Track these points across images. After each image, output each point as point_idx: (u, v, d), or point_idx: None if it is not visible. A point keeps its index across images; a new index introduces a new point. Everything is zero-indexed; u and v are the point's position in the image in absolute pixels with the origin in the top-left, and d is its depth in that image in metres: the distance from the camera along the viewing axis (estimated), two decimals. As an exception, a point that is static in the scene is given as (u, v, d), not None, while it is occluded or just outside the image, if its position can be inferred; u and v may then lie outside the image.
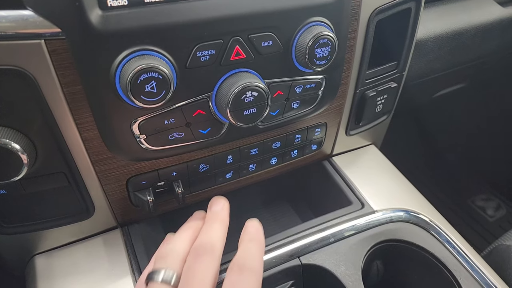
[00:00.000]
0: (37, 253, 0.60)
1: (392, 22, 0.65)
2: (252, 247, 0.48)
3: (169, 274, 0.44)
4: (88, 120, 0.47)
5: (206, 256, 0.45)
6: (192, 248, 0.47)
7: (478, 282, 0.59)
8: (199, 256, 0.45)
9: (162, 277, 0.44)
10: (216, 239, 0.48)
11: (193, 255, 0.46)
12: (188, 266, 0.45)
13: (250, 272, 0.44)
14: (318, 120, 0.67)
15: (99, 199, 0.56)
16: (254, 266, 0.45)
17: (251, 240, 0.49)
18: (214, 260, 0.45)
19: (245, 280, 0.43)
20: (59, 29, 0.40)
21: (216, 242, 0.48)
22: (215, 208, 0.54)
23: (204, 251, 0.46)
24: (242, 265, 0.45)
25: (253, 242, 0.49)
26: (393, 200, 0.70)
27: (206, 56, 0.45)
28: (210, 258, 0.45)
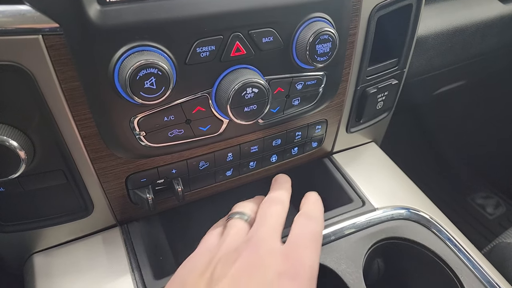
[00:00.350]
0: (36, 251, 0.59)
1: (393, 18, 0.64)
2: (315, 205, 0.55)
3: (245, 215, 0.53)
4: (86, 117, 0.46)
5: (278, 205, 0.52)
6: (265, 200, 0.54)
7: (480, 280, 0.58)
8: (272, 204, 0.52)
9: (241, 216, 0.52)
10: (284, 195, 0.55)
11: (266, 202, 0.53)
12: (263, 209, 0.52)
13: (316, 219, 0.51)
14: (319, 117, 0.66)
15: (98, 197, 0.56)
16: (319, 216, 0.52)
17: (314, 202, 0.55)
18: (283, 210, 0.52)
19: (313, 223, 0.50)
20: (57, 24, 0.39)
21: (285, 198, 0.55)
22: (280, 180, 0.61)
23: (276, 201, 0.53)
24: (309, 214, 0.52)
25: (315, 203, 0.55)
26: (394, 198, 0.70)
27: (206, 52, 0.45)
28: (281, 206, 0.52)
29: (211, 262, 0.45)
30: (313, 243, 0.47)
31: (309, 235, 0.48)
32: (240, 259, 0.44)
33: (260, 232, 0.47)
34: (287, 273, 0.42)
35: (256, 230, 0.48)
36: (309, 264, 0.44)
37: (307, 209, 0.53)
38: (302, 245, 0.46)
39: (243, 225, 0.51)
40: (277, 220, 0.50)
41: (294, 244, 0.46)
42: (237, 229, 0.50)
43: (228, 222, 0.52)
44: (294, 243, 0.46)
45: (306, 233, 0.48)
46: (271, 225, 0.48)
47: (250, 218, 0.52)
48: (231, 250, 0.46)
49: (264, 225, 0.48)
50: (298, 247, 0.46)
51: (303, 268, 0.43)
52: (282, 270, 0.43)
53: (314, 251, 0.47)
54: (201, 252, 0.49)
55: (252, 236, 0.47)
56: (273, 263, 0.43)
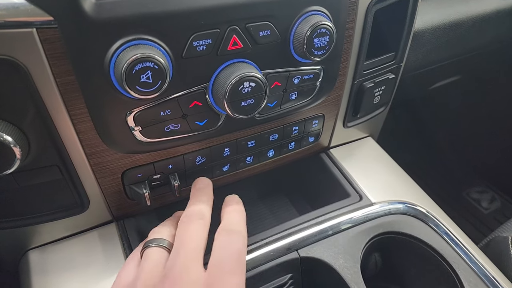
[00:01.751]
0: (31, 248, 0.59)
1: (390, 12, 0.64)
2: (235, 215, 0.51)
3: (163, 241, 0.48)
4: (82, 112, 0.46)
5: (197, 221, 0.48)
6: (183, 216, 0.49)
7: (477, 274, 0.59)
8: (190, 221, 0.48)
9: (156, 243, 0.47)
10: (204, 208, 0.50)
11: (184, 221, 0.48)
12: (181, 230, 0.47)
13: (238, 234, 0.47)
14: (316, 111, 0.66)
15: (94, 192, 0.55)
16: (240, 229, 0.48)
17: (233, 210, 0.52)
18: (204, 225, 0.48)
19: (234, 240, 0.46)
20: (51, 17, 0.39)
21: (205, 211, 0.50)
22: (200, 186, 0.55)
23: (195, 216, 0.48)
24: (229, 229, 0.48)
25: (235, 212, 0.51)
26: (391, 193, 0.70)
27: (202, 45, 0.44)
28: (201, 222, 0.48)
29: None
30: (237, 265, 0.44)
31: (232, 255, 0.44)
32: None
33: (179, 262, 0.43)
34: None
35: (174, 260, 0.44)
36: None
37: (227, 221, 0.49)
38: (226, 270, 0.43)
39: (159, 255, 0.46)
40: (196, 242, 0.45)
41: (216, 271, 0.43)
42: (153, 261, 0.45)
43: (144, 252, 0.47)
44: (217, 269, 0.43)
45: (228, 254, 0.44)
46: (190, 251, 0.44)
47: (168, 243, 0.48)
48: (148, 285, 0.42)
49: (182, 252, 0.44)
50: (221, 275, 0.42)
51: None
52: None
53: (239, 274, 0.44)
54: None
55: (169, 269, 0.43)
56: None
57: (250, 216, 0.77)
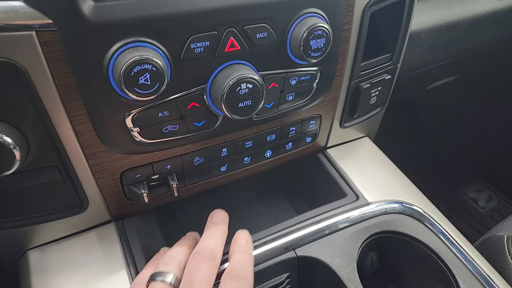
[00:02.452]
0: (31, 247, 0.59)
1: (386, 14, 0.65)
2: (244, 257, 0.50)
3: (170, 276, 0.47)
4: (81, 113, 0.46)
5: (207, 262, 0.47)
6: (194, 251, 0.49)
7: (472, 273, 0.59)
8: (201, 261, 0.47)
9: (164, 278, 0.46)
10: (216, 246, 0.50)
11: (195, 258, 0.48)
12: (190, 269, 0.47)
13: (245, 280, 0.47)
14: (313, 112, 0.67)
15: (93, 193, 0.56)
16: (247, 276, 0.48)
17: (242, 251, 0.51)
18: (214, 266, 0.48)
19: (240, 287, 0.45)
20: (50, 20, 0.39)
21: (217, 249, 0.50)
22: (216, 220, 0.55)
23: (206, 256, 0.48)
24: (236, 275, 0.47)
25: (244, 254, 0.51)
26: (387, 192, 0.70)
27: (200, 47, 0.45)
28: (212, 263, 0.48)
29: None
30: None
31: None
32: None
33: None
34: None
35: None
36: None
37: (235, 265, 0.49)
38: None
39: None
40: (203, 283, 0.45)
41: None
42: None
43: (149, 285, 0.47)
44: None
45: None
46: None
47: (175, 279, 0.47)
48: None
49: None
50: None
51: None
52: None
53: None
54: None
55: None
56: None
57: (248, 216, 0.78)
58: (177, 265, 0.49)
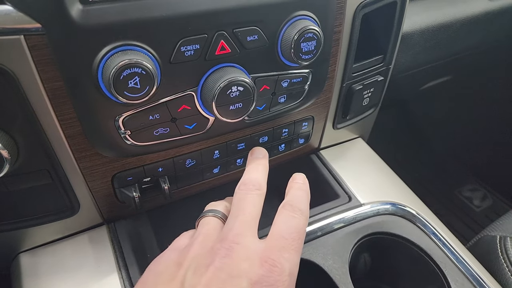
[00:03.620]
0: (22, 251, 0.59)
1: (378, 15, 0.65)
2: (301, 193, 0.51)
3: (218, 212, 0.49)
4: (71, 117, 0.46)
5: (254, 191, 0.49)
6: (240, 183, 0.50)
7: (463, 273, 0.60)
8: (248, 190, 0.49)
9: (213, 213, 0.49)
10: (260, 178, 0.52)
11: (242, 189, 0.49)
12: (238, 198, 0.48)
13: (301, 212, 0.47)
14: (305, 114, 0.67)
15: (84, 196, 0.56)
16: (304, 208, 0.48)
17: (299, 188, 0.52)
18: (260, 195, 0.49)
19: (297, 218, 0.46)
20: (39, 25, 0.39)
21: (261, 181, 0.51)
22: (257, 155, 0.57)
23: (252, 186, 0.49)
24: (294, 206, 0.48)
25: (301, 190, 0.52)
26: (380, 193, 0.71)
27: (190, 51, 0.45)
28: (259, 192, 0.49)
29: (181, 265, 0.41)
30: (295, 242, 0.43)
31: (293, 232, 0.44)
32: (212, 265, 0.40)
33: (235, 228, 0.43)
34: (263, 282, 0.39)
35: (231, 226, 0.44)
36: (288, 271, 0.40)
37: (292, 198, 0.49)
38: (284, 245, 0.42)
39: (215, 222, 0.47)
40: (252, 211, 0.46)
41: (274, 244, 0.42)
42: (209, 227, 0.46)
43: (200, 220, 0.49)
44: (275, 242, 0.42)
45: (289, 229, 0.44)
46: (246, 219, 0.45)
47: (223, 214, 0.49)
48: (203, 252, 0.42)
49: (239, 218, 0.45)
50: (278, 249, 0.42)
51: (281, 276, 0.40)
52: (258, 278, 0.39)
53: (296, 253, 0.43)
54: (170, 253, 0.45)
55: (226, 234, 0.43)
56: (249, 270, 0.39)
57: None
58: (223, 206, 0.51)
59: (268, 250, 0.41)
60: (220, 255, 0.41)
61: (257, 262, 0.40)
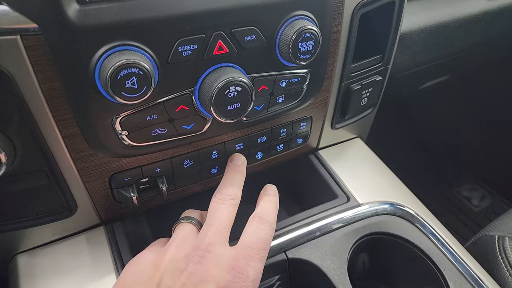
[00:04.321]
0: (19, 252, 0.59)
1: (376, 15, 0.65)
2: (270, 205, 0.55)
3: (193, 219, 0.53)
4: (68, 117, 0.46)
5: (229, 202, 0.52)
6: (217, 192, 0.54)
7: (462, 274, 0.60)
8: (223, 200, 0.52)
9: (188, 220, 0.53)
10: (236, 188, 0.55)
11: (218, 198, 0.53)
12: (213, 208, 0.52)
13: (269, 224, 0.52)
14: (303, 114, 0.67)
15: (82, 196, 0.55)
16: (271, 220, 0.53)
17: (269, 200, 0.56)
18: (235, 205, 0.53)
19: (264, 230, 0.51)
20: (35, 25, 0.39)
21: (237, 191, 0.55)
22: (236, 162, 0.60)
23: (227, 196, 0.53)
24: (263, 218, 0.52)
25: (271, 202, 0.56)
26: (378, 193, 0.70)
27: (188, 51, 0.45)
28: (233, 202, 0.53)
29: (158, 267, 0.46)
30: (261, 252, 0.49)
31: (260, 242, 0.49)
32: (186, 270, 0.45)
33: (208, 237, 0.48)
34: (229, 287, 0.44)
35: (205, 234, 0.48)
36: (252, 277, 0.46)
37: (262, 210, 0.54)
38: (252, 253, 0.48)
39: (191, 228, 0.52)
40: (225, 221, 0.50)
41: (242, 253, 0.47)
42: (185, 232, 0.51)
43: (177, 226, 0.53)
44: (243, 251, 0.48)
45: (258, 240, 0.49)
46: (219, 228, 0.49)
47: (198, 221, 0.53)
48: (179, 257, 0.47)
49: (212, 228, 0.49)
50: (245, 257, 0.47)
51: (246, 282, 0.45)
52: (226, 283, 0.44)
53: (260, 261, 0.48)
54: (148, 253, 0.49)
55: (200, 242, 0.48)
56: (218, 276, 0.44)
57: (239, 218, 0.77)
58: (199, 214, 0.55)
59: (236, 258, 0.46)
60: (193, 261, 0.45)
61: (226, 269, 0.45)
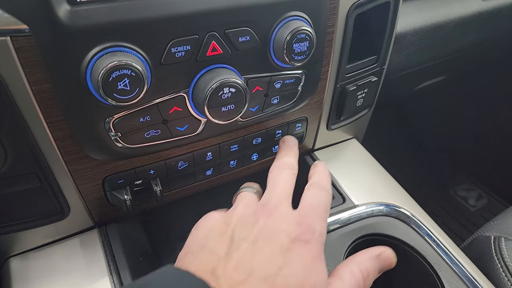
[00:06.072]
0: (12, 255, 0.58)
1: (371, 16, 0.65)
2: (324, 177, 0.55)
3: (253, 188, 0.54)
4: (59, 119, 0.45)
5: (288, 170, 0.53)
6: (273, 166, 0.55)
7: (457, 274, 0.59)
8: (282, 169, 0.53)
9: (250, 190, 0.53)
10: (293, 160, 0.56)
11: (276, 168, 0.54)
12: (272, 176, 0.52)
13: (327, 191, 0.52)
14: (299, 115, 0.66)
15: (74, 199, 0.55)
16: (328, 189, 0.52)
17: (322, 173, 0.56)
18: (294, 174, 0.53)
19: (324, 195, 0.50)
20: (25, 26, 0.38)
21: (294, 162, 0.56)
22: (289, 142, 0.61)
23: (286, 166, 0.54)
24: (320, 186, 0.52)
25: (324, 175, 0.55)
26: (374, 194, 0.70)
27: (181, 52, 0.44)
28: (292, 171, 0.53)
29: (228, 224, 0.46)
30: (322, 214, 0.48)
31: (321, 205, 0.49)
32: (257, 224, 0.45)
33: (273, 198, 0.48)
34: (300, 239, 0.44)
35: (268, 197, 0.49)
36: (319, 231, 0.46)
37: (318, 179, 0.54)
38: (313, 213, 0.47)
39: (252, 196, 0.52)
40: (287, 186, 0.51)
41: (306, 212, 0.47)
42: (248, 198, 0.51)
43: (238, 195, 0.53)
44: (306, 210, 0.47)
45: (317, 203, 0.49)
46: (282, 191, 0.49)
47: (258, 192, 0.53)
48: (248, 213, 0.47)
49: (275, 191, 0.49)
50: (309, 215, 0.47)
51: (314, 235, 0.45)
52: (296, 235, 0.44)
53: (323, 220, 0.48)
54: (215, 213, 0.49)
55: (265, 202, 0.48)
56: (288, 229, 0.44)
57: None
58: (258, 185, 0.55)
59: (302, 215, 0.46)
60: (262, 216, 0.46)
61: (294, 224, 0.45)
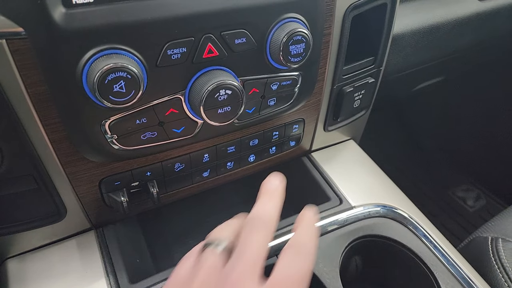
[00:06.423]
0: (9, 256, 0.58)
1: (368, 17, 0.65)
2: (310, 233, 0.47)
3: (223, 242, 0.45)
4: (55, 121, 0.45)
5: (262, 229, 0.45)
6: (249, 217, 0.47)
7: (454, 276, 0.59)
8: (256, 228, 0.45)
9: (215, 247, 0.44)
10: (273, 212, 0.47)
11: (250, 225, 0.46)
12: (245, 237, 0.44)
13: (307, 255, 0.44)
14: (296, 116, 0.66)
15: (71, 201, 0.55)
16: (311, 252, 0.44)
17: (308, 226, 0.48)
18: (269, 234, 0.45)
19: (302, 262, 0.42)
20: (21, 29, 0.38)
21: (273, 216, 0.47)
22: (274, 182, 0.52)
23: (262, 223, 0.45)
24: (300, 247, 0.44)
25: (310, 229, 0.48)
26: (371, 196, 0.70)
27: (177, 54, 0.44)
28: (267, 231, 0.45)
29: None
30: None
31: (295, 278, 0.41)
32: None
33: (237, 270, 0.40)
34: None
35: (232, 268, 0.41)
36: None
37: (298, 239, 0.46)
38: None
39: (217, 259, 0.44)
40: (257, 252, 0.42)
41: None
42: (210, 264, 0.43)
43: (202, 253, 0.46)
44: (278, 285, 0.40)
45: (292, 275, 0.41)
46: (250, 259, 0.41)
47: (228, 246, 0.45)
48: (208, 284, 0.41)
49: (242, 258, 0.42)
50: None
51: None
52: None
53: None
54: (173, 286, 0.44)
55: (226, 276, 0.41)
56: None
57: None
58: (230, 234, 0.46)
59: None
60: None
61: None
